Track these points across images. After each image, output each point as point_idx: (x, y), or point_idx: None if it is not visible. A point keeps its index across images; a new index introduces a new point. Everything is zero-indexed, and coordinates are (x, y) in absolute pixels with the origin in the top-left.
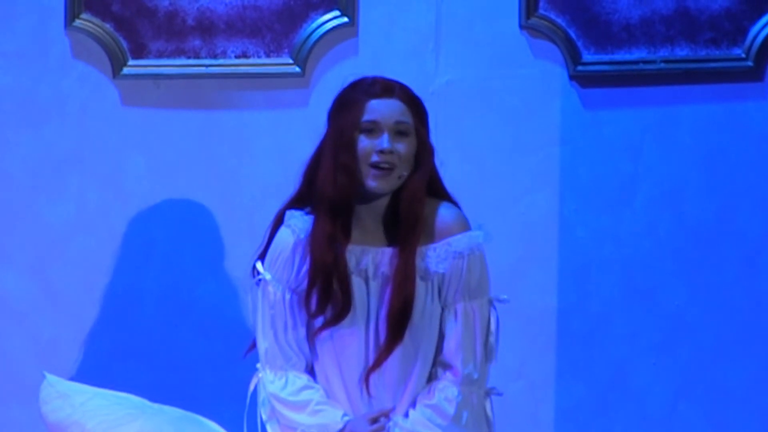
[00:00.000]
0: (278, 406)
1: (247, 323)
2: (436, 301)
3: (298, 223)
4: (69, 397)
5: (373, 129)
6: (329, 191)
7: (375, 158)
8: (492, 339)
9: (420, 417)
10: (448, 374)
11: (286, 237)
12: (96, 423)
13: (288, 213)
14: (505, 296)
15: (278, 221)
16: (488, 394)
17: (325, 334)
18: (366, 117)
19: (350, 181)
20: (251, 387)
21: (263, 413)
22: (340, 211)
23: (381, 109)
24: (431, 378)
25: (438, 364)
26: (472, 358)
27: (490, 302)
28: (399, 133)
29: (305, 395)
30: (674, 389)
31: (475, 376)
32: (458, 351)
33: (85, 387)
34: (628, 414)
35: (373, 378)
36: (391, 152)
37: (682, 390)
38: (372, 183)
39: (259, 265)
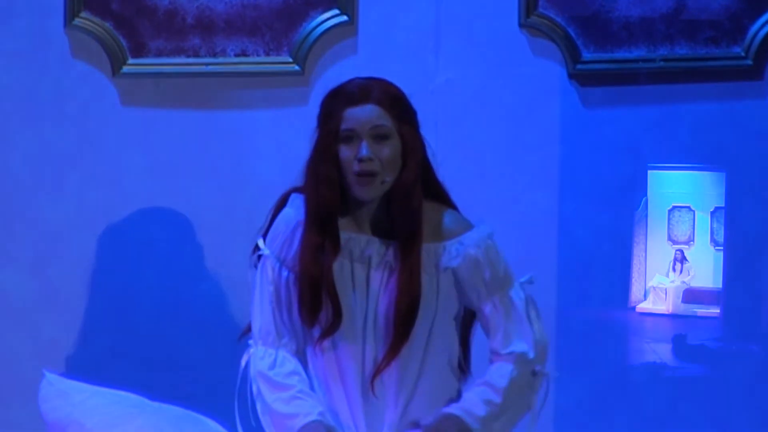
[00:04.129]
0: (262, 385)
1: (246, 322)
2: (444, 298)
3: (301, 206)
4: (68, 396)
5: (351, 137)
6: (313, 204)
7: (356, 167)
8: (538, 320)
9: (472, 395)
10: (503, 356)
11: (288, 216)
12: (95, 421)
13: (293, 195)
14: (530, 277)
15: (282, 202)
16: (536, 374)
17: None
18: (343, 126)
19: (332, 193)
20: (242, 362)
21: (253, 388)
22: (326, 222)
23: (357, 117)
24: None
25: (491, 353)
26: (523, 339)
27: (521, 285)
28: (378, 137)
29: (291, 380)
30: (674, 389)
31: (531, 356)
32: (507, 337)
33: (85, 385)
34: (628, 414)
35: (376, 379)
36: (371, 159)
37: (682, 390)
38: (358, 191)
39: (260, 242)
